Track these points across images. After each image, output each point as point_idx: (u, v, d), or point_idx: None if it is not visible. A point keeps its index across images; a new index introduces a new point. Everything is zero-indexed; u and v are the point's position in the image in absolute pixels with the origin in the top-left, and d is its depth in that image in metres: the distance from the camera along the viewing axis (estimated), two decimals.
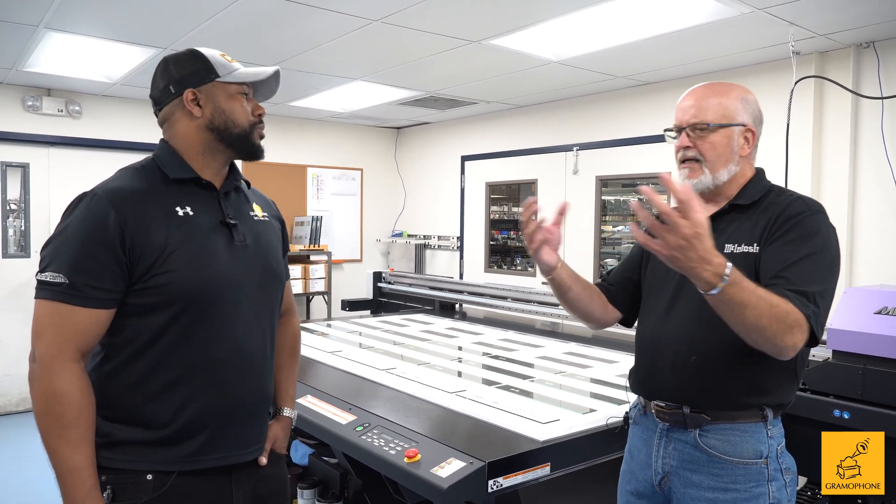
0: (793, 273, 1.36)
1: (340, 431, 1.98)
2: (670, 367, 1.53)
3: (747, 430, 1.46)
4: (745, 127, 1.54)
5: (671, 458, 1.53)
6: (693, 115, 1.54)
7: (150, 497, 1.31)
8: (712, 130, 1.52)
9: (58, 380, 1.24)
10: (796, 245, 1.40)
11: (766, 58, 3.78)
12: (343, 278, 6.72)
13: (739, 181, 1.56)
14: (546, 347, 3.17)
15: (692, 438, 1.49)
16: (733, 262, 1.34)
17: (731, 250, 1.48)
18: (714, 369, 1.47)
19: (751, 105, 1.55)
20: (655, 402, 1.57)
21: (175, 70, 1.41)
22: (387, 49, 3.79)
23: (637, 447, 1.64)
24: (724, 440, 1.46)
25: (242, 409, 1.41)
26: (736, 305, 1.25)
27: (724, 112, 1.52)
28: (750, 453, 1.45)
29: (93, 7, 3.16)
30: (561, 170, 5.27)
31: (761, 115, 1.58)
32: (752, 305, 1.25)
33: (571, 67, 4.08)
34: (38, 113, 5.10)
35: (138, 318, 1.32)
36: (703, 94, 1.55)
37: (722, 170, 1.53)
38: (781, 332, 1.27)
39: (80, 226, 1.28)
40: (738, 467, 1.45)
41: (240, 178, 1.52)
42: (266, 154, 1.52)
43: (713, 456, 1.46)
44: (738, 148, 1.53)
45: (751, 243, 1.48)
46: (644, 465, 1.60)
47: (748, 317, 1.25)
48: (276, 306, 1.54)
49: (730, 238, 1.51)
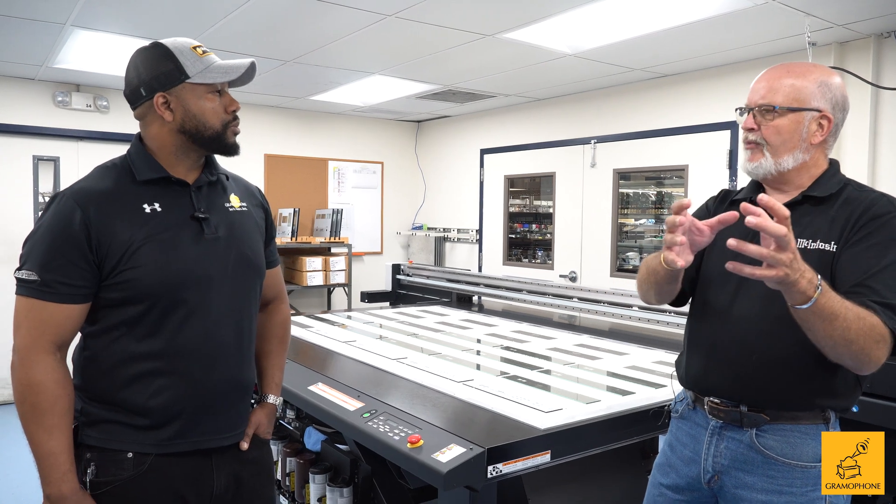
0: (878, 282, 1.28)
1: (348, 418, 2.03)
2: (730, 364, 1.47)
3: (808, 432, 1.40)
4: (821, 113, 1.42)
5: (722, 457, 1.48)
6: (762, 95, 1.45)
7: (129, 474, 1.38)
8: (780, 114, 1.42)
9: (33, 370, 1.32)
10: (881, 250, 1.31)
11: (783, 49, 3.74)
12: (364, 270, 6.80)
13: (812, 171, 1.46)
14: (558, 339, 3.20)
15: (748, 438, 1.44)
16: (806, 259, 1.27)
17: (805, 246, 1.39)
18: (776, 370, 1.40)
19: (832, 90, 1.43)
20: (710, 399, 1.50)
21: (145, 71, 1.41)
22: (401, 43, 3.83)
23: (682, 442, 1.59)
24: (783, 441, 1.41)
25: (215, 397, 1.46)
26: (828, 317, 1.19)
27: (797, 95, 1.42)
28: (809, 456, 1.39)
29: (116, 5, 3.25)
30: (579, 163, 5.27)
31: (845, 102, 1.46)
32: (841, 317, 1.19)
33: (587, 60, 4.08)
34: (67, 108, 5.25)
35: (111, 310, 1.38)
36: (778, 74, 1.46)
37: (786, 156, 1.43)
38: (868, 347, 1.22)
39: (50, 226, 1.35)
40: (795, 470, 1.39)
41: (216, 172, 1.54)
42: (287, 147, 1.54)
43: (769, 457, 1.41)
44: (807, 134, 1.42)
45: (828, 241, 1.38)
46: (689, 460, 1.55)
47: (836, 329, 1.20)
48: (253, 295, 1.56)
49: (803, 232, 1.41)
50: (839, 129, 1.48)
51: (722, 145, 4.24)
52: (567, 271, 5.41)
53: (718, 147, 4.26)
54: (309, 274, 5.95)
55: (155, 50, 1.42)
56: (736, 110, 1.54)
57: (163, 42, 1.44)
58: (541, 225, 5.91)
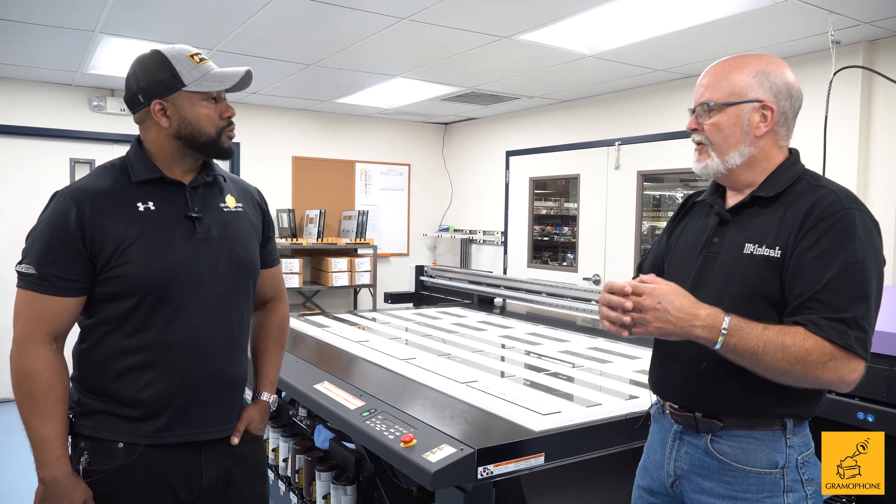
0: (829, 295, 1.23)
1: (348, 416, 2.05)
2: (683, 370, 1.45)
3: (763, 439, 1.37)
4: (761, 103, 1.38)
5: (683, 462, 1.47)
6: (700, 94, 1.44)
7: (120, 463, 1.44)
8: (717, 110, 1.40)
9: (29, 359, 1.38)
10: (830, 256, 1.25)
11: (808, 48, 3.65)
12: (390, 271, 6.85)
13: (765, 166, 1.41)
14: (571, 342, 3.17)
15: (703, 443, 1.42)
16: (753, 265, 1.29)
17: (752, 251, 1.36)
18: (727, 377, 1.36)
19: (770, 78, 1.38)
20: (669, 404, 1.50)
21: (143, 78, 1.46)
22: (419, 46, 3.85)
23: (653, 446, 1.58)
24: (737, 447, 1.38)
25: (202, 391, 1.50)
26: (745, 354, 1.21)
27: (732, 89, 1.39)
28: (763, 462, 1.36)
29: (140, 12, 3.35)
30: (603, 165, 5.22)
31: (789, 89, 1.40)
32: (761, 351, 1.20)
33: (607, 61, 4.04)
34: (102, 112, 5.42)
35: (105, 304, 1.44)
36: (716, 70, 1.43)
37: (732, 152, 1.39)
38: (813, 372, 1.20)
39: (48, 222, 1.42)
40: (750, 476, 1.37)
41: (212, 173, 1.58)
42: (315, 150, 1.58)
43: (724, 463, 1.39)
44: (749, 127, 1.38)
45: (773, 246, 1.33)
46: (658, 465, 1.54)
47: (764, 362, 1.21)
48: (245, 293, 1.60)
49: (751, 237, 1.37)
50: (789, 118, 1.42)
51: None
52: (591, 274, 5.36)
53: None
54: (334, 274, 6.02)
55: (153, 58, 1.48)
56: (689, 110, 1.51)
57: (161, 50, 1.48)
58: (571, 227, 5.88)
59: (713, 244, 1.45)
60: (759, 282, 1.33)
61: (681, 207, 1.66)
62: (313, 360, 2.74)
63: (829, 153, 3.43)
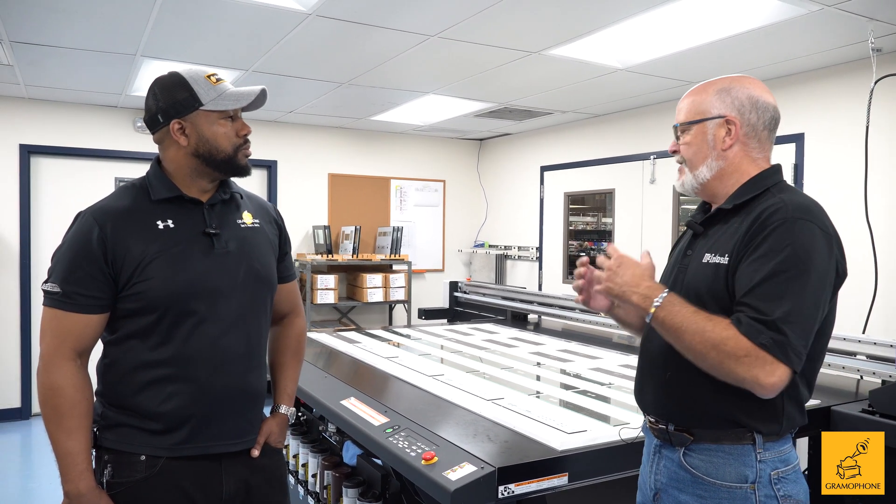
0: (754, 298, 1.28)
1: (371, 432, 2.05)
2: (652, 380, 1.52)
3: (732, 453, 1.40)
4: (724, 118, 1.45)
5: (662, 475, 1.52)
6: (676, 118, 1.55)
7: (142, 476, 1.46)
8: (684, 129, 1.51)
9: (54, 375, 1.42)
10: (763, 262, 1.30)
11: (847, 57, 3.55)
12: (425, 288, 6.86)
13: (735, 178, 1.47)
14: (603, 359, 3.12)
15: (678, 457, 1.47)
16: (706, 273, 1.39)
17: (707, 260, 1.43)
18: (688, 385, 1.42)
19: (732, 94, 1.46)
20: (648, 417, 1.56)
21: (162, 99, 1.52)
22: (448, 63, 3.87)
23: (643, 461, 1.64)
24: (707, 461, 1.41)
25: (222, 404, 1.52)
26: (670, 329, 1.32)
27: (697, 109, 1.49)
28: (732, 476, 1.39)
29: (177, 36, 3.46)
30: (638, 179, 5.15)
31: (754, 102, 1.46)
32: (683, 329, 1.30)
33: (639, 74, 4.00)
34: (146, 133, 5.59)
35: (127, 320, 1.48)
36: (686, 95, 1.54)
37: (701, 167, 1.48)
38: (727, 363, 1.25)
39: (72, 242, 1.46)
40: (721, 490, 1.39)
41: (229, 191, 1.62)
42: (351, 167, 1.62)
43: (696, 476, 1.43)
44: (715, 142, 1.46)
45: (723, 253, 1.40)
46: (644, 479, 1.60)
47: (685, 341, 1.30)
48: (262, 306, 1.62)
49: (711, 247, 1.45)
50: (759, 130, 1.47)
51: (787, 159, 4.04)
52: None
53: (783, 161, 4.06)
54: (369, 290, 6.06)
55: (172, 79, 1.53)
56: None
57: (179, 71, 1.53)
58: (609, 243, 5.80)
59: (686, 256, 1.54)
60: (708, 288, 1.40)
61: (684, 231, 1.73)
62: (342, 375, 2.75)
63: (870, 163, 3.33)
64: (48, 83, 4.60)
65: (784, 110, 4.10)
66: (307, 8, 2.99)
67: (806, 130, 3.95)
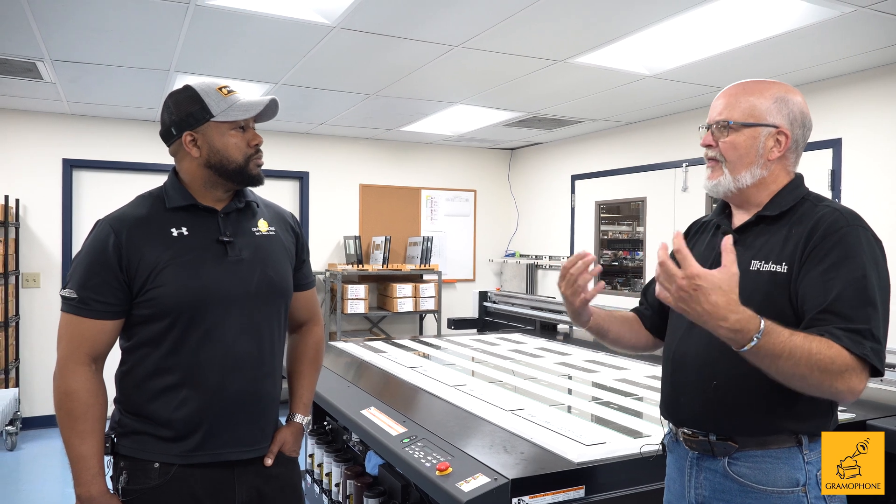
0: (841, 307, 1.24)
1: (389, 442, 2.05)
2: (692, 391, 1.46)
3: (780, 457, 1.36)
4: (777, 129, 1.42)
5: (703, 489, 1.46)
6: (719, 112, 1.47)
7: (156, 483, 1.48)
8: (735, 130, 1.43)
9: (69, 380, 1.45)
10: (838, 269, 1.27)
11: (883, 60, 3.43)
12: (456, 297, 6.85)
13: (771, 188, 1.45)
14: (630, 370, 3.07)
15: (721, 467, 1.42)
16: (759, 281, 1.32)
17: (758, 268, 1.39)
18: (738, 394, 1.38)
19: (789, 105, 1.43)
20: (682, 430, 1.50)
21: (175, 112, 1.55)
22: (475, 72, 3.88)
23: (672, 477, 1.58)
24: (755, 468, 1.37)
25: (233, 411, 1.53)
26: (766, 357, 1.19)
27: (752, 111, 1.43)
28: (784, 481, 1.35)
29: (208, 52, 3.54)
30: (670, 187, 5.06)
31: (804, 118, 1.45)
32: (786, 356, 1.18)
33: (667, 81, 3.94)
34: None
35: (142, 326, 1.50)
36: (736, 91, 1.47)
37: (744, 172, 1.43)
38: (828, 380, 1.20)
39: (89, 249, 1.50)
40: (772, 496, 1.36)
41: (244, 199, 1.64)
42: (381, 177, 1.62)
43: (744, 485, 1.38)
44: (764, 150, 1.43)
45: (779, 262, 1.36)
46: (679, 495, 1.52)
47: (785, 367, 1.19)
48: (276, 314, 1.63)
49: (757, 254, 1.41)
50: (800, 146, 1.47)
51: (824, 164, 3.93)
52: None
53: (820, 166, 3.95)
54: (399, 300, 6.08)
55: (184, 93, 1.56)
56: (699, 128, 1.54)
57: (191, 85, 1.57)
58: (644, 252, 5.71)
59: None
60: (765, 297, 1.35)
61: (686, 233, 1.68)
62: (365, 385, 2.76)
63: None
64: (89, 99, 4.76)
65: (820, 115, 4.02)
66: (331, 21, 3.03)
67: (843, 136, 3.84)
